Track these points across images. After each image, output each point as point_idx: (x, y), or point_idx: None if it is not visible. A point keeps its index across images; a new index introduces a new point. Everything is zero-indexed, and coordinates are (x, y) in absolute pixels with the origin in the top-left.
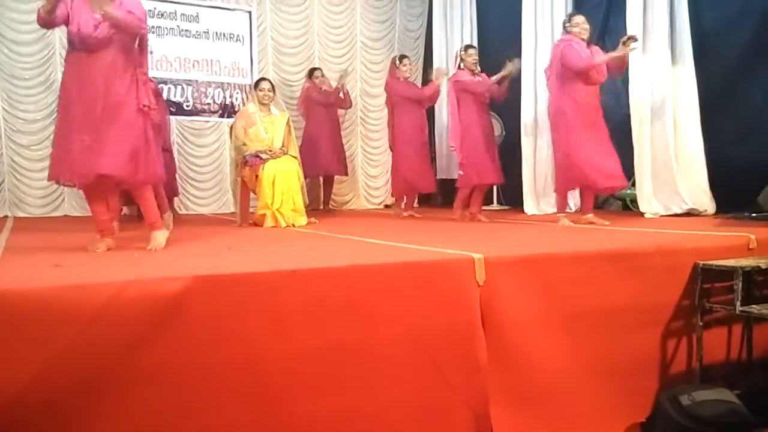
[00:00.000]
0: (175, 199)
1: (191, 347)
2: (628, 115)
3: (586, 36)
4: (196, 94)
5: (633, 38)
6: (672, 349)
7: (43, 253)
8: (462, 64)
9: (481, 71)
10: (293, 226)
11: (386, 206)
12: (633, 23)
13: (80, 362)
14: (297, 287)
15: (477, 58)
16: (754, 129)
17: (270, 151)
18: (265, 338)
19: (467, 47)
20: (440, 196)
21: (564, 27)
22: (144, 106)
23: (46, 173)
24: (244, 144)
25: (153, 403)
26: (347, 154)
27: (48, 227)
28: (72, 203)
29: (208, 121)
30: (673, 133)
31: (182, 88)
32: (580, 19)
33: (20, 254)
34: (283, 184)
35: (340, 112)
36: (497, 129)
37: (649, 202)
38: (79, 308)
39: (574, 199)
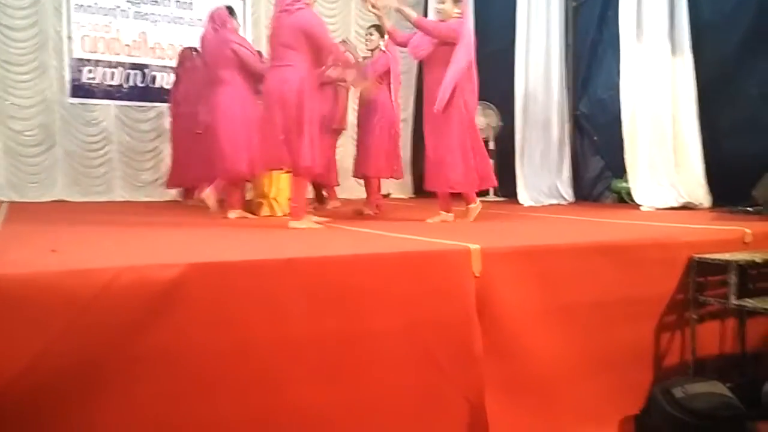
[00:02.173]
0: None
1: (188, 333)
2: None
3: None
4: None
5: None
6: (666, 341)
7: (39, 238)
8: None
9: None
10: (290, 215)
11: (384, 196)
12: (626, 15)
13: (77, 347)
14: (293, 275)
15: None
16: (750, 122)
17: None
18: (261, 325)
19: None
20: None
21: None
22: None
23: (39, 158)
24: None
25: (150, 387)
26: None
27: (43, 212)
28: (69, 189)
29: None
30: (671, 125)
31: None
32: None
33: (16, 239)
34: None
35: None
36: (494, 120)
37: (645, 194)
38: (76, 294)
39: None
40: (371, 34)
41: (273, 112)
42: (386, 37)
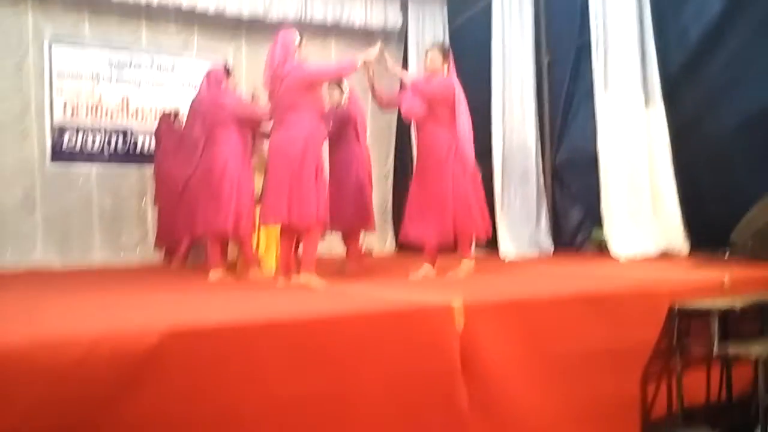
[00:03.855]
0: None
1: (169, 401)
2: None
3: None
4: None
5: None
6: (652, 390)
7: (13, 308)
8: None
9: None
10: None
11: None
12: (598, 68)
13: (52, 419)
14: (274, 338)
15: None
16: (724, 163)
17: None
18: (242, 390)
19: None
20: None
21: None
22: None
23: (19, 223)
24: None
25: None
26: None
27: (22, 278)
28: (49, 252)
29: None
30: (648, 174)
31: None
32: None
33: None
34: (268, 228)
35: None
36: None
37: (623, 243)
38: (50, 367)
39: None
40: (333, 90)
41: (279, 170)
42: (346, 92)
